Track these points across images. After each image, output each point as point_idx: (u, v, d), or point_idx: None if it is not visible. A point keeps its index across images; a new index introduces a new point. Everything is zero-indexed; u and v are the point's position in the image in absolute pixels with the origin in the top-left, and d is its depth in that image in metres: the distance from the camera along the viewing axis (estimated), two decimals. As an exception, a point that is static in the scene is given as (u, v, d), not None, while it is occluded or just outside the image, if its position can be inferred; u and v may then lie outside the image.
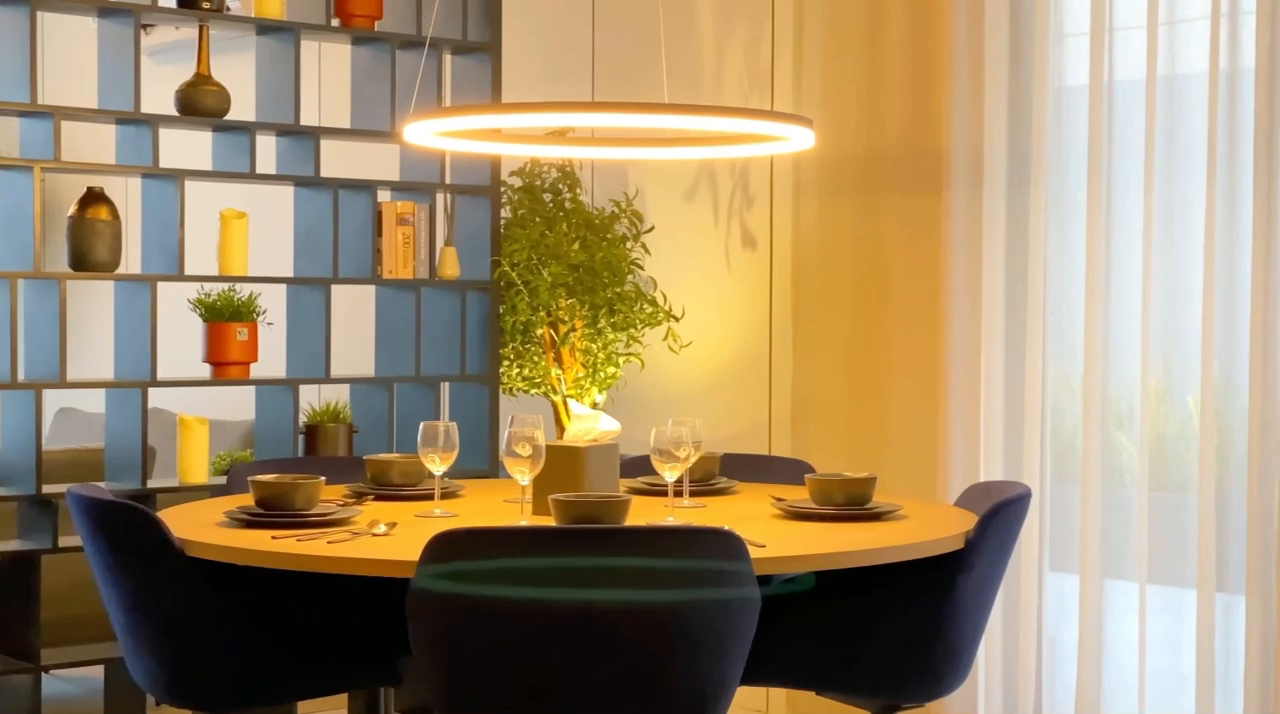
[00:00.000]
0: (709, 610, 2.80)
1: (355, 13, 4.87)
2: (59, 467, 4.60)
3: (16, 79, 4.37)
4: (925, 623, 3.27)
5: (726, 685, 2.88)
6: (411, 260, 4.95)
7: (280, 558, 2.94)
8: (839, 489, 3.44)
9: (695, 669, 2.82)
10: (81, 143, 5.03)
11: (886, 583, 3.28)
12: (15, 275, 4.33)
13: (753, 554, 2.84)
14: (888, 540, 3.14)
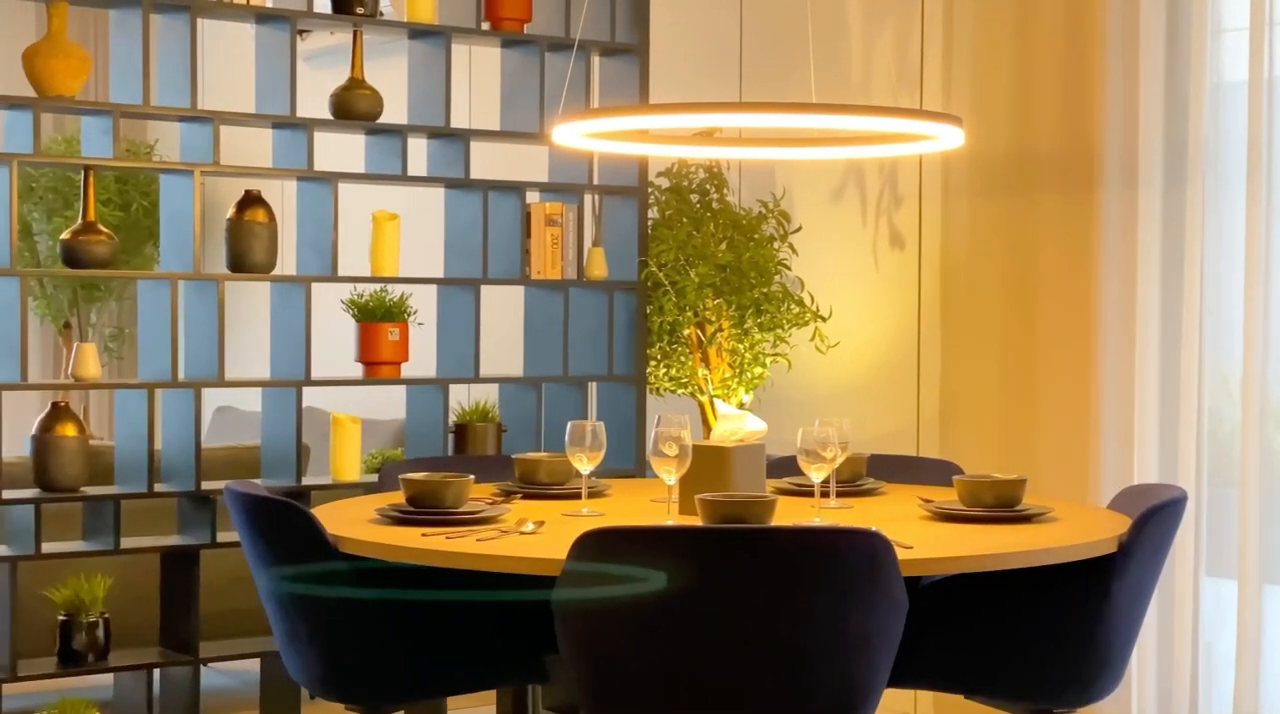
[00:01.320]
0: (855, 612, 2.78)
1: (505, 16, 4.92)
2: (217, 464, 4.70)
3: (178, 85, 4.47)
4: (1077, 627, 3.22)
5: (873, 688, 2.86)
6: (560, 261, 4.99)
7: (430, 555, 2.97)
8: (988, 491, 3.40)
9: (841, 671, 2.81)
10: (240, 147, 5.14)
11: (1037, 586, 3.24)
12: (176, 276, 4.44)
13: (900, 555, 2.81)
14: (1038, 543, 3.09)
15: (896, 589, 2.81)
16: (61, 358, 7.87)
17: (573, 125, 3.69)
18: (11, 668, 4.23)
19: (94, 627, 4.35)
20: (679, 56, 5.54)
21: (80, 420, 4.35)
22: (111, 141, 4.36)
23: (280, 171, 4.67)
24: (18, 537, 4.29)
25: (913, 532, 3.17)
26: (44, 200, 7.26)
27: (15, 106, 4.26)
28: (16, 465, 4.40)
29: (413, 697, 3.39)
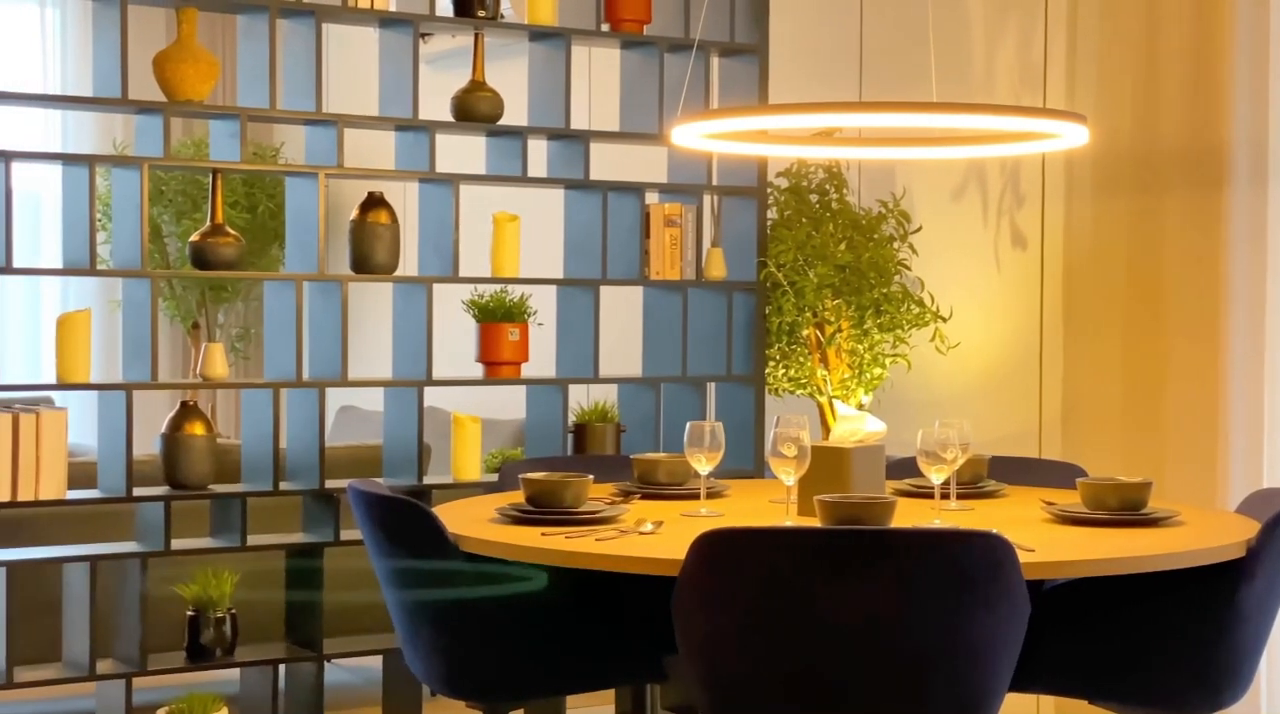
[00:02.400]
0: (976, 615, 2.76)
1: (624, 17, 4.93)
2: (340, 462, 4.76)
3: (303, 89, 4.54)
4: (1204, 633, 3.17)
5: (994, 692, 2.84)
6: (679, 261, 4.99)
7: (549, 554, 2.99)
8: (1112, 494, 3.36)
9: (962, 675, 2.79)
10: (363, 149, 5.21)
11: (1162, 591, 3.19)
12: (300, 277, 4.50)
13: (1021, 559, 2.79)
14: (1163, 547, 3.05)
15: (1018, 593, 2.78)
16: (190, 358, 8.01)
17: (692, 126, 3.70)
18: (141, 662, 4.32)
19: (221, 622, 4.42)
20: (798, 56, 5.52)
21: (208, 419, 4.42)
22: (239, 145, 4.43)
23: (403, 173, 4.72)
24: (148, 533, 4.37)
25: (1035, 535, 3.14)
26: (174, 203, 7.40)
27: (146, 111, 4.35)
28: (147, 463, 4.49)
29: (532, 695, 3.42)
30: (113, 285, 7.57)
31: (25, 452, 4.12)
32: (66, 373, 4.23)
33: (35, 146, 7.73)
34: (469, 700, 3.32)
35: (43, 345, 7.95)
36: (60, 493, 4.18)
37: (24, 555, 4.24)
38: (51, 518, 4.55)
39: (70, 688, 4.61)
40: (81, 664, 4.27)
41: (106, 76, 4.30)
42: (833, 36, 5.54)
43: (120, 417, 4.28)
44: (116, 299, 6.97)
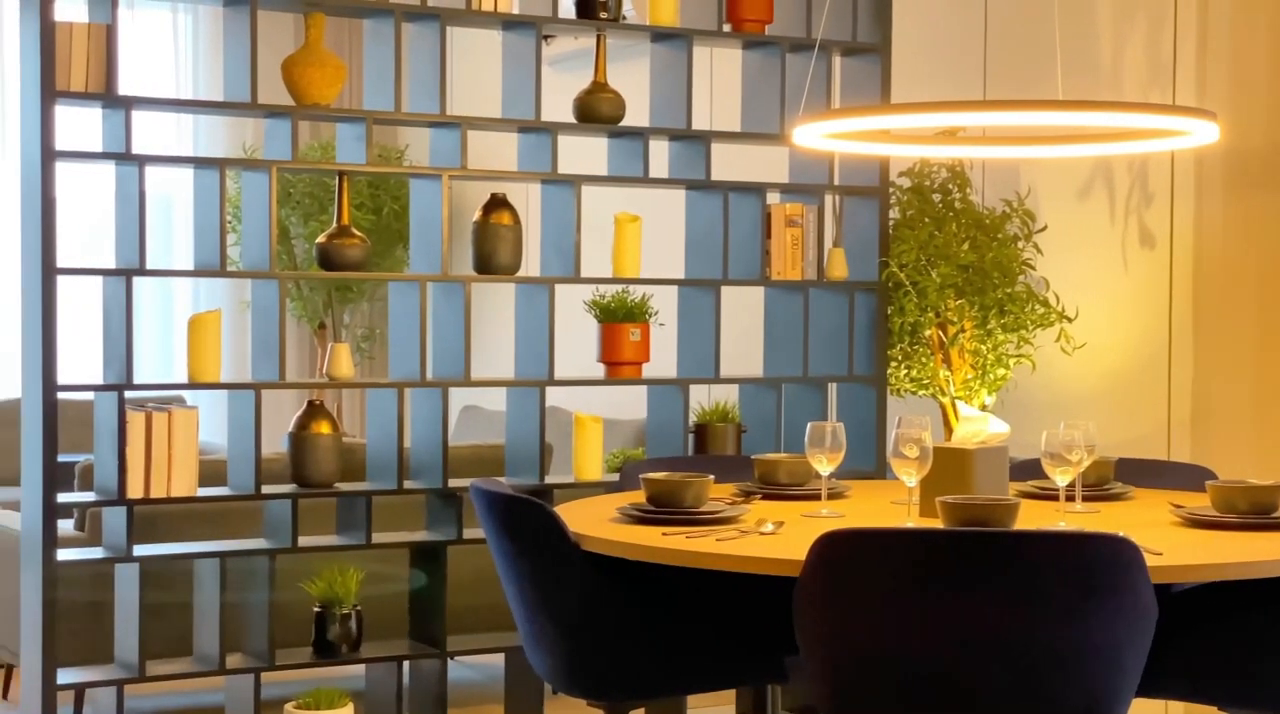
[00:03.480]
0: (1102, 619, 2.72)
1: (746, 17, 4.93)
2: (463, 462, 4.81)
3: (428, 92, 4.58)
4: (1337, 640, 3.10)
5: (1121, 698, 2.80)
6: (800, 262, 4.98)
7: (670, 554, 3.00)
8: (1243, 497, 3.30)
9: (1087, 680, 2.75)
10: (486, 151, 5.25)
11: (1294, 597, 3.13)
12: (424, 278, 4.55)
13: (1149, 562, 2.75)
14: (1296, 552, 2.99)
15: (1145, 596, 2.74)
16: (317, 358, 8.13)
17: (813, 126, 3.68)
18: (269, 657, 4.39)
19: (347, 619, 4.48)
20: (922, 55, 5.48)
21: (334, 418, 4.49)
22: (364, 147, 4.49)
23: (525, 175, 4.75)
24: (276, 530, 4.44)
25: (1163, 538, 3.09)
26: (301, 205, 7.50)
27: (274, 115, 4.42)
28: (275, 461, 4.56)
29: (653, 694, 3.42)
30: (242, 286, 7.70)
31: (158, 450, 4.21)
32: (197, 372, 4.32)
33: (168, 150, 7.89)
34: (590, 699, 3.34)
35: (175, 345, 8.11)
36: (191, 490, 4.26)
37: (156, 551, 4.33)
38: (183, 515, 4.64)
39: (200, 682, 4.69)
40: (211, 658, 4.34)
41: (236, 81, 4.38)
42: (957, 34, 5.49)
43: (249, 415, 4.35)
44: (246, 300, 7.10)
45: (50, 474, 4.12)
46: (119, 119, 4.21)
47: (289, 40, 7.56)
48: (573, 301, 5.06)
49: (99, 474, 4.25)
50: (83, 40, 4.12)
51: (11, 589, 4.62)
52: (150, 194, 4.27)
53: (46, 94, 4.08)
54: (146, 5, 8.04)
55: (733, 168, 5.18)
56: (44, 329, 4.11)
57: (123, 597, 4.30)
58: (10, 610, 4.64)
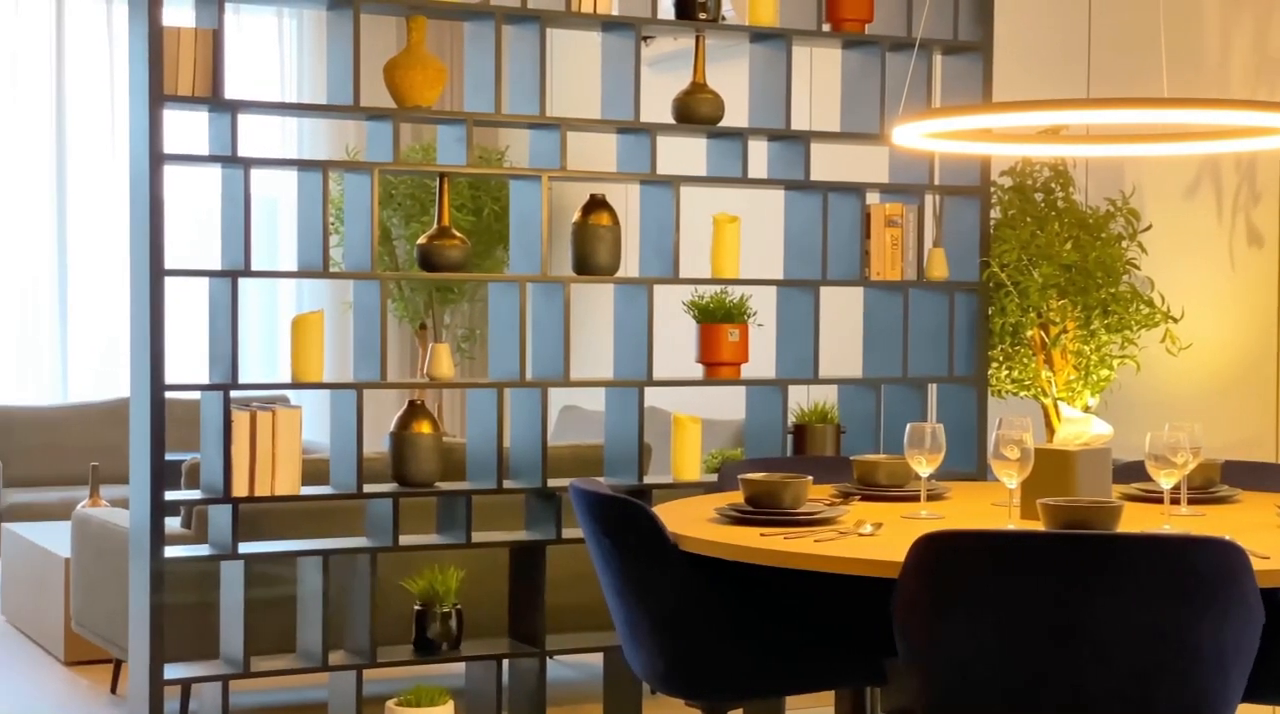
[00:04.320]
0: (1207, 624, 2.69)
1: (846, 17, 4.91)
2: (562, 461, 4.83)
3: (527, 93, 4.61)
4: None
5: (1226, 704, 2.76)
6: (899, 262, 4.95)
7: (768, 555, 2.99)
8: (1353, 501, 3.23)
9: (1191, 686, 2.71)
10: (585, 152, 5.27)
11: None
12: (524, 279, 4.57)
13: (1256, 566, 2.71)
14: None
15: (1252, 601, 2.70)
16: (417, 358, 8.20)
17: (913, 125, 3.66)
18: (371, 654, 4.43)
19: (447, 617, 4.51)
20: (1024, 53, 5.43)
21: (434, 418, 4.52)
22: (465, 149, 4.52)
23: (624, 176, 4.76)
24: (377, 529, 4.49)
25: (1270, 541, 3.04)
26: (403, 206, 7.58)
27: (376, 117, 4.46)
28: (376, 461, 4.61)
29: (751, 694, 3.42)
30: (344, 287, 7.79)
31: (262, 448, 4.26)
32: (300, 372, 4.37)
33: (273, 153, 7.99)
34: (688, 699, 3.34)
35: (279, 346, 8.22)
36: (295, 489, 4.32)
37: (261, 549, 4.39)
38: (286, 513, 4.70)
39: (304, 678, 4.75)
40: (315, 655, 4.39)
41: (340, 84, 4.42)
42: (1059, 32, 5.44)
43: (351, 415, 4.40)
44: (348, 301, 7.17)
45: (158, 473, 4.19)
46: (225, 122, 4.27)
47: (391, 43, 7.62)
48: (671, 302, 5.07)
49: (205, 473, 4.32)
50: (190, 45, 4.19)
51: (120, 586, 4.70)
52: (255, 196, 4.33)
53: (154, 98, 4.15)
54: (252, 10, 8.15)
55: (832, 168, 5.16)
56: (152, 330, 4.18)
57: (228, 593, 4.36)
58: (119, 607, 4.72)
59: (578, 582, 4.79)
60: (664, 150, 4.76)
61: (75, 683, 5.23)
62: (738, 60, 5.19)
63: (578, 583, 4.79)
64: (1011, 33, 5.30)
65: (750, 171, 4.81)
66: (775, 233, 5.07)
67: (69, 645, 5.44)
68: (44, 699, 5.04)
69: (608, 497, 3.29)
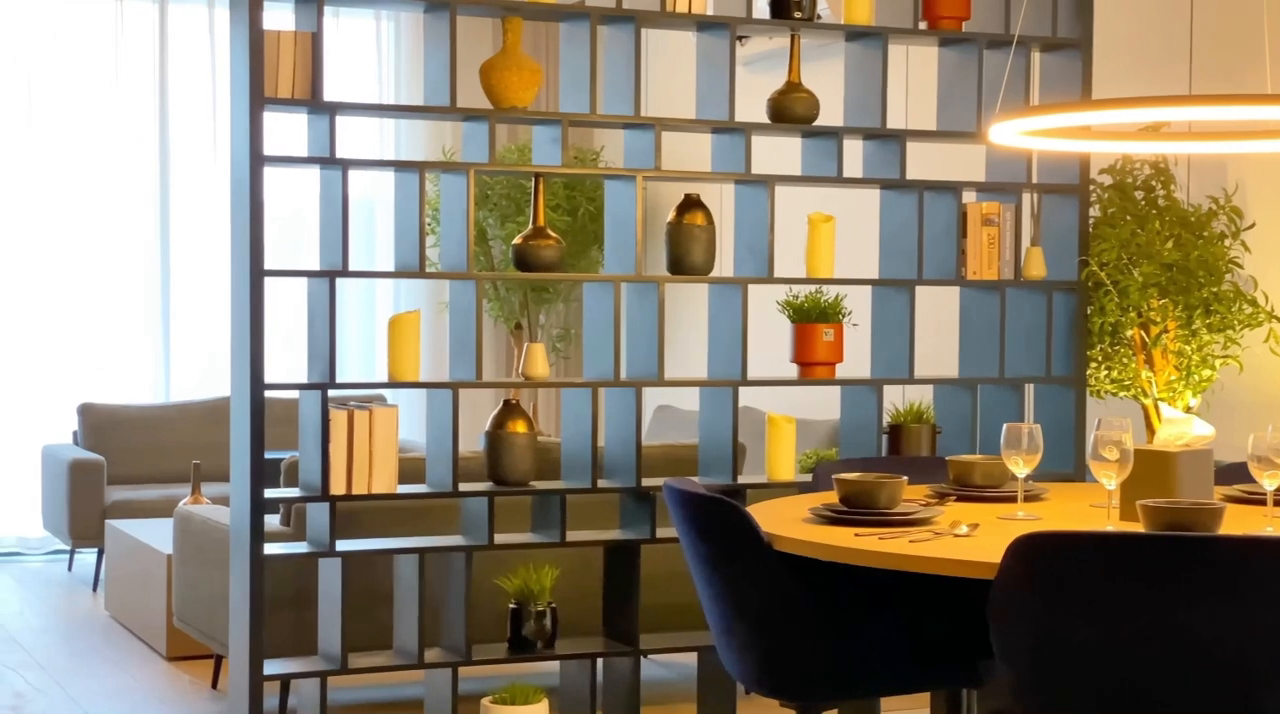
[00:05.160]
0: (1311, 628, 2.64)
1: (943, 14, 4.88)
2: (656, 461, 4.83)
3: (622, 94, 4.62)
4: None
5: (1331, 709, 2.71)
6: (996, 261, 4.91)
7: (863, 555, 2.98)
8: None
9: (1295, 689, 2.67)
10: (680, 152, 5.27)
11: None
12: (618, 278, 4.59)
13: (1361, 570, 2.66)
14: None
15: (1357, 606, 2.65)
16: (513, 357, 8.24)
17: (1011, 123, 3.63)
18: (466, 652, 4.46)
19: (542, 616, 4.53)
20: (1124, 49, 5.37)
21: (529, 417, 4.54)
22: (560, 149, 4.54)
23: (719, 175, 4.76)
24: (473, 527, 4.51)
25: (1376, 545, 2.98)
26: (498, 207, 7.62)
27: (472, 118, 4.49)
28: (472, 460, 4.64)
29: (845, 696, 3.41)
30: (440, 287, 7.85)
31: (359, 447, 4.30)
32: (397, 372, 4.40)
33: (370, 154, 8.07)
34: (782, 699, 3.33)
35: (376, 345, 8.29)
36: (391, 487, 4.35)
37: (358, 546, 4.43)
38: (383, 511, 4.74)
39: (400, 675, 4.79)
40: (411, 652, 4.43)
41: (436, 85, 4.46)
42: (1160, 27, 5.37)
43: (447, 414, 4.43)
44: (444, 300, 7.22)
45: (258, 471, 4.24)
46: (323, 124, 4.32)
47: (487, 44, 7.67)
48: (766, 302, 5.06)
49: (303, 471, 4.37)
50: (289, 48, 4.24)
51: (221, 582, 4.77)
52: (353, 197, 4.37)
53: (255, 101, 4.20)
54: (350, 13, 8.23)
55: (928, 166, 5.13)
56: (252, 330, 4.23)
57: (326, 590, 4.41)
58: (220, 603, 4.79)
59: (672, 581, 4.79)
60: (758, 150, 4.75)
61: (177, 678, 5.31)
62: (833, 59, 5.18)
63: (672, 582, 4.80)
64: (1111, 29, 5.24)
65: (845, 171, 4.79)
66: (870, 232, 5.04)
67: (171, 641, 5.53)
68: (146, 694, 5.12)
69: (702, 496, 3.29)
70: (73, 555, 7.53)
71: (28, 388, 7.88)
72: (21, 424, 7.84)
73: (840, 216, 4.91)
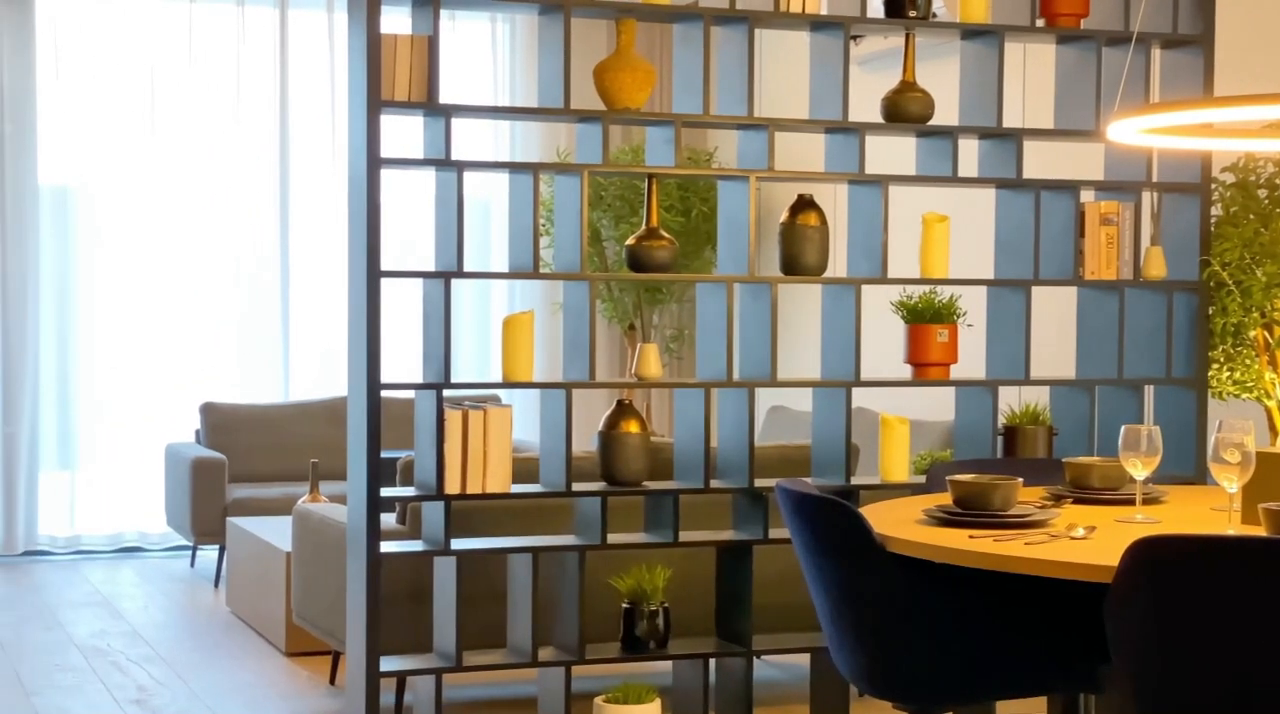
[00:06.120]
0: None
1: (1061, 12, 4.82)
2: (769, 462, 4.82)
3: (736, 94, 4.62)
4: None
5: None
6: (1115, 261, 4.85)
7: (977, 557, 2.96)
8: None
9: None
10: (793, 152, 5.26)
11: None
12: (731, 279, 4.59)
13: None
14: None
15: None
16: (626, 358, 8.26)
17: (1130, 121, 3.59)
18: (579, 651, 4.48)
19: (654, 615, 4.54)
20: (1248, 46, 5.27)
21: (642, 418, 4.55)
22: (674, 150, 4.55)
23: (832, 175, 4.74)
24: (586, 527, 4.54)
25: None
26: (612, 208, 7.65)
27: (585, 119, 4.52)
28: (585, 460, 4.66)
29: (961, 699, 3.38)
30: (554, 288, 7.89)
31: (474, 447, 4.34)
32: (511, 372, 4.44)
33: (485, 156, 8.14)
34: (895, 702, 3.32)
35: (491, 345, 8.36)
36: (505, 486, 4.39)
37: (472, 545, 4.47)
38: (497, 510, 4.78)
39: (514, 673, 4.83)
40: (524, 651, 4.46)
41: (550, 87, 4.49)
42: (1284, 23, 5.27)
43: (560, 414, 4.45)
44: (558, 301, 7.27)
45: (374, 470, 4.29)
46: (439, 127, 4.36)
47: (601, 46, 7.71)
48: (879, 302, 5.03)
49: (419, 470, 4.41)
50: (406, 52, 4.28)
51: (338, 580, 4.83)
52: (468, 199, 4.42)
53: (372, 104, 4.25)
54: (466, 16, 8.30)
55: (1045, 166, 5.08)
56: (369, 330, 4.28)
57: (441, 589, 4.45)
58: (337, 600, 4.85)
59: (784, 582, 4.79)
60: (872, 149, 4.73)
61: (296, 673, 5.39)
62: (948, 58, 5.14)
63: (784, 583, 4.79)
64: (1234, 24, 5.15)
65: (960, 170, 4.76)
66: (984, 232, 5.00)
67: (290, 637, 5.61)
68: (266, 689, 5.20)
69: (814, 497, 3.28)
70: (195, 552, 7.67)
71: (152, 388, 8.04)
72: (146, 423, 8.00)
73: (954, 216, 4.87)
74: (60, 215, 7.91)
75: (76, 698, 5.05)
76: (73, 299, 7.92)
